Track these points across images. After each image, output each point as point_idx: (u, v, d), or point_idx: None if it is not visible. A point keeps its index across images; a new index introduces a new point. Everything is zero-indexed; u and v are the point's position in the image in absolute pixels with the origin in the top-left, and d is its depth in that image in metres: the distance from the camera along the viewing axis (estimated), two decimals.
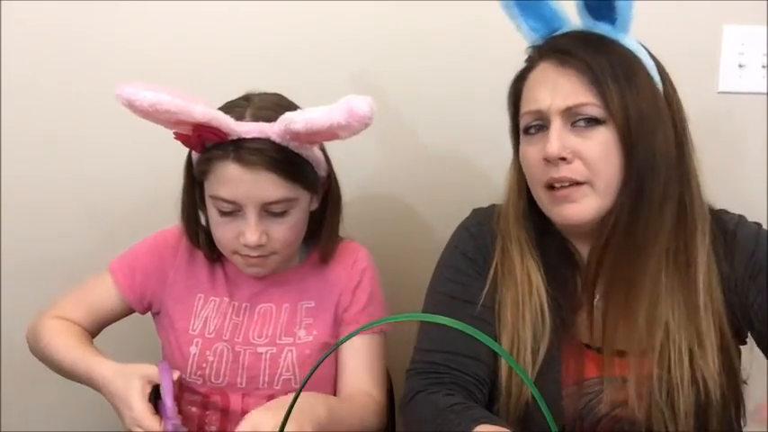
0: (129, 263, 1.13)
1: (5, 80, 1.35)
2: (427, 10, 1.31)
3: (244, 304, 1.12)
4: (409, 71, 1.33)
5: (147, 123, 1.00)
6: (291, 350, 1.08)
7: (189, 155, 1.08)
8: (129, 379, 0.95)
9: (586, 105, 0.88)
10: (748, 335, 0.96)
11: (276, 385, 1.07)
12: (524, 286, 0.96)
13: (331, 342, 1.11)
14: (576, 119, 0.89)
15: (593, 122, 0.89)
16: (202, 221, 1.12)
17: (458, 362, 0.96)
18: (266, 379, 1.08)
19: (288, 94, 1.08)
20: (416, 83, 1.34)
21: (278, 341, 1.09)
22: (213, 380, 1.08)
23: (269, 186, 1.01)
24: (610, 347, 0.92)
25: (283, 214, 1.04)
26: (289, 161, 1.01)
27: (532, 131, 0.93)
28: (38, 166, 1.39)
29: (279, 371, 1.07)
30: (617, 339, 0.92)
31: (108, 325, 1.14)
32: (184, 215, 1.12)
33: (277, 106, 1.01)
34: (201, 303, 1.12)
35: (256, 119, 1.01)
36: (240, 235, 1.03)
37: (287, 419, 0.68)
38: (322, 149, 1.09)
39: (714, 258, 0.93)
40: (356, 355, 1.10)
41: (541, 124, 0.92)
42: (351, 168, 1.18)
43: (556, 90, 0.90)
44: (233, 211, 1.03)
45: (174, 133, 1.01)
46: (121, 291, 1.12)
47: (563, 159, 0.89)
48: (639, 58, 0.91)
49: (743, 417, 0.96)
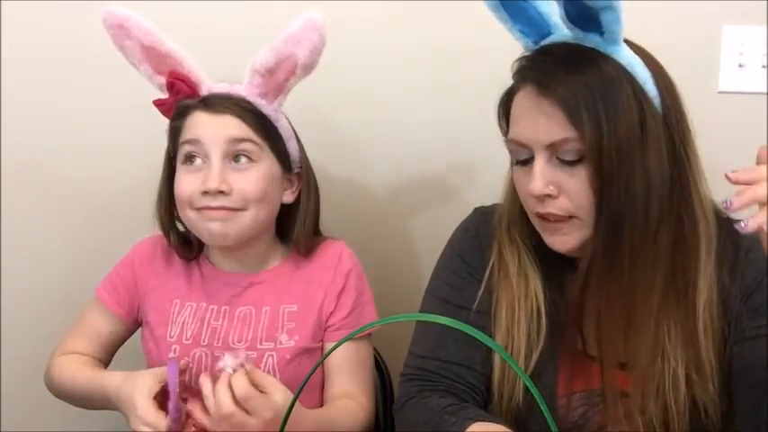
0: (112, 281, 1.14)
1: (5, 80, 1.35)
2: (424, 7, 1.31)
3: (223, 308, 1.09)
4: (406, 68, 1.33)
5: (148, 124, 1.00)
6: (272, 355, 1.06)
7: (168, 147, 1.09)
8: (136, 380, 0.96)
9: (567, 141, 0.84)
10: None
11: None
12: (521, 289, 0.94)
13: (312, 347, 1.08)
14: (560, 155, 0.85)
15: (576, 156, 0.84)
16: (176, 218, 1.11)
17: (451, 370, 0.95)
18: None
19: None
20: (415, 81, 1.34)
21: (258, 346, 1.06)
22: (194, 385, 1.04)
23: (233, 125, 1.03)
24: (609, 361, 0.90)
25: (247, 167, 1.03)
26: (256, 113, 1.04)
27: (521, 159, 0.90)
28: (38, 167, 1.39)
29: None
30: (615, 354, 0.89)
31: (117, 349, 1.15)
32: (159, 202, 1.11)
33: None
34: (178, 309, 1.10)
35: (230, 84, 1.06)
36: (202, 184, 1.01)
37: (285, 424, 0.68)
38: (296, 135, 1.11)
39: (716, 271, 0.89)
40: (343, 361, 1.08)
41: (528, 157, 0.88)
42: (345, 167, 1.17)
43: (536, 125, 0.86)
44: (196, 157, 1.03)
45: (154, 101, 1.06)
46: (112, 311, 1.12)
47: (548, 196, 0.86)
48: (628, 75, 0.85)
49: None
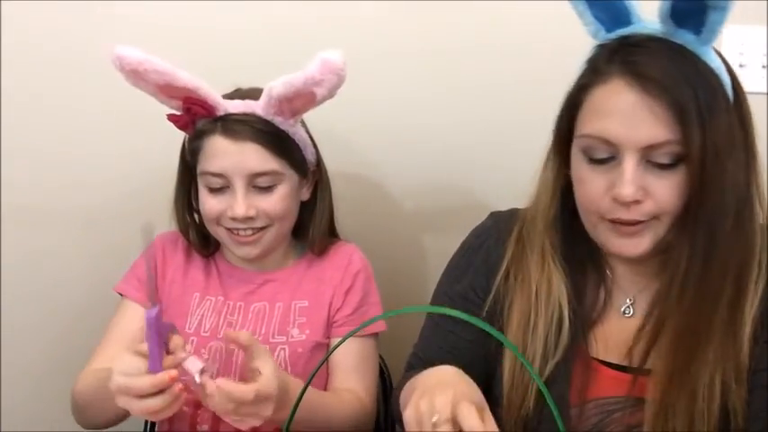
0: (136, 275, 1.14)
1: (5, 81, 1.35)
2: (429, 8, 1.31)
3: (238, 303, 1.13)
4: (411, 70, 1.33)
5: (150, 122, 1.00)
6: (284, 348, 1.09)
7: (183, 145, 1.10)
8: (122, 352, 0.87)
9: (668, 144, 0.78)
10: None
11: None
12: (541, 297, 0.89)
13: (323, 342, 1.11)
14: (653, 158, 0.79)
15: (671, 159, 0.79)
16: (195, 218, 1.14)
17: (447, 361, 0.93)
18: None
19: None
20: (417, 81, 1.34)
21: (271, 339, 1.10)
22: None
23: (255, 157, 1.04)
24: (640, 367, 0.86)
25: (271, 189, 1.06)
26: (274, 134, 1.04)
27: (596, 157, 0.83)
28: (37, 169, 1.39)
29: None
30: (653, 361, 0.85)
31: None
32: (176, 205, 1.13)
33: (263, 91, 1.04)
34: (197, 302, 1.13)
35: (243, 98, 1.06)
36: (228, 209, 1.05)
37: (293, 416, 0.68)
38: (309, 135, 1.11)
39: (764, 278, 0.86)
40: (347, 357, 1.10)
41: (611, 155, 0.82)
42: (350, 167, 1.18)
43: (634, 122, 0.79)
44: (222, 188, 1.05)
45: (168, 115, 1.05)
46: (144, 305, 1.11)
47: (635, 201, 0.80)
48: (719, 79, 0.81)
49: None
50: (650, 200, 0.81)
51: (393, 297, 1.20)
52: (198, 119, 1.04)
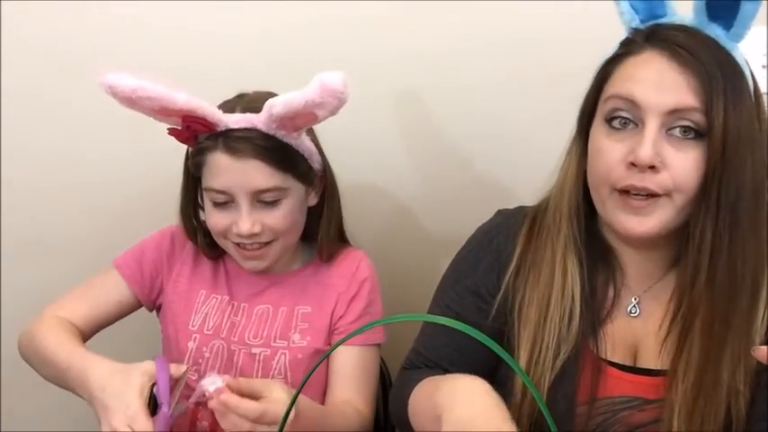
0: (136, 257, 1.14)
1: (5, 81, 1.35)
2: (429, 8, 1.31)
3: (243, 304, 1.13)
4: (414, 70, 1.33)
5: (147, 124, 1.00)
6: (285, 353, 1.09)
7: (187, 151, 1.10)
8: (129, 375, 0.90)
9: (692, 111, 0.79)
10: None
11: None
12: (558, 284, 0.90)
13: (323, 349, 1.10)
14: (675, 125, 0.80)
15: (690, 132, 0.80)
16: (202, 219, 1.13)
17: (453, 357, 0.94)
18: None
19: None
20: (419, 82, 1.34)
21: (272, 343, 1.09)
22: (207, 376, 1.08)
23: (257, 174, 1.02)
24: (651, 368, 0.88)
25: (275, 203, 1.05)
26: (277, 149, 1.02)
27: (617, 125, 0.83)
28: (38, 168, 1.39)
29: (271, 373, 1.08)
30: (664, 362, 0.86)
31: (108, 324, 1.12)
32: (182, 212, 1.13)
33: (267, 99, 1.01)
34: (203, 299, 1.13)
35: (245, 111, 1.02)
36: (233, 225, 1.04)
37: (284, 422, 0.69)
38: (315, 142, 1.10)
39: None
40: (347, 366, 1.09)
41: (630, 119, 0.82)
42: (352, 168, 1.18)
43: (663, 85, 0.79)
44: (226, 202, 1.04)
45: (168, 129, 1.02)
46: (130, 284, 1.12)
47: (651, 168, 0.80)
48: (745, 75, 0.83)
49: None
50: (666, 172, 0.80)
51: (400, 301, 1.20)
52: (199, 134, 1.03)
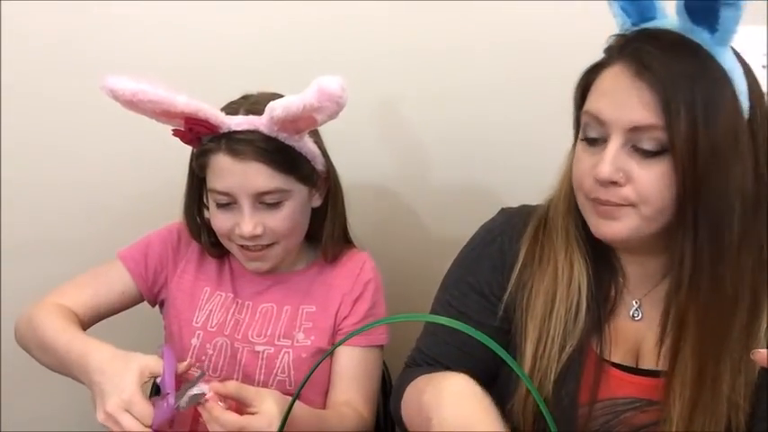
0: (142, 250, 1.14)
1: (5, 81, 1.35)
2: (427, 9, 1.31)
3: (247, 302, 1.13)
4: (414, 70, 1.34)
5: (148, 123, 1.00)
6: (288, 352, 1.09)
7: (192, 151, 1.10)
8: (129, 362, 0.89)
9: (653, 128, 0.79)
10: None
11: (271, 385, 1.08)
12: (565, 278, 0.90)
13: (326, 349, 1.10)
14: (639, 141, 0.80)
15: (657, 149, 0.79)
16: (206, 218, 1.14)
17: (456, 356, 0.93)
18: (261, 378, 1.09)
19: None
20: (419, 82, 1.34)
21: (276, 342, 1.10)
22: (210, 372, 1.09)
23: (259, 176, 1.02)
24: (651, 369, 0.88)
25: (278, 205, 1.05)
26: (279, 151, 1.02)
27: (591, 137, 0.85)
28: (38, 168, 1.39)
29: (275, 371, 1.08)
30: (687, 371, 0.84)
31: (109, 315, 1.12)
32: (187, 212, 1.13)
33: (270, 101, 1.01)
34: (207, 296, 1.13)
35: (248, 113, 1.03)
36: (236, 226, 1.04)
37: (284, 422, 0.69)
38: (318, 144, 1.10)
39: None
40: (349, 367, 1.09)
41: (599, 137, 0.84)
42: (353, 168, 1.18)
43: (623, 103, 0.80)
44: (229, 204, 1.05)
45: (173, 130, 1.03)
46: (133, 277, 1.12)
47: (614, 183, 0.82)
48: (731, 81, 0.81)
49: None
50: (630, 186, 0.81)
51: (401, 301, 1.20)
52: (202, 135, 1.03)
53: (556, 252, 0.91)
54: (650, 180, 0.80)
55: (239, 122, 1.02)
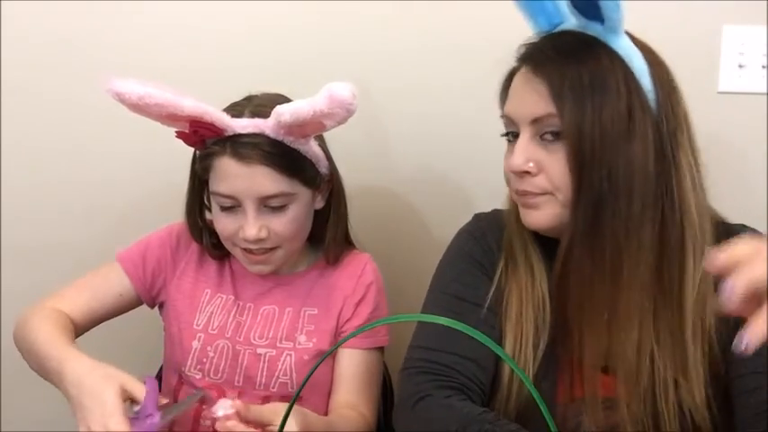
0: (140, 252, 1.14)
1: (5, 81, 1.35)
2: (425, 10, 1.31)
3: (248, 304, 1.13)
4: (412, 72, 1.33)
5: (149, 124, 1.00)
6: (290, 354, 1.09)
7: (194, 153, 1.09)
8: (108, 378, 0.87)
9: (549, 117, 0.85)
10: None
11: (273, 387, 1.08)
12: (528, 279, 0.94)
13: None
14: (543, 131, 0.87)
15: (557, 136, 0.86)
16: (207, 220, 1.14)
17: (466, 367, 0.91)
18: (263, 380, 1.08)
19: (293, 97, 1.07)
20: (418, 83, 1.34)
21: (278, 344, 1.10)
22: (212, 375, 1.09)
23: (265, 180, 1.02)
24: (591, 357, 0.88)
25: (282, 209, 1.04)
26: (284, 155, 1.02)
27: (510, 138, 0.93)
28: (38, 168, 1.39)
29: (276, 374, 1.08)
30: (598, 350, 0.87)
31: (108, 318, 1.11)
32: (188, 213, 1.13)
33: (275, 103, 1.01)
34: (208, 299, 1.13)
35: (253, 115, 1.02)
36: (240, 229, 1.04)
37: (284, 423, 0.69)
38: (323, 147, 1.10)
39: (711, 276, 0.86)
40: (351, 369, 1.09)
41: (516, 132, 0.90)
42: (350, 169, 1.18)
43: (524, 99, 0.89)
44: (233, 207, 1.04)
45: (176, 132, 1.02)
46: (132, 279, 1.12)
47: (527, 173, 0.88)
48: (623, 65, 0.85)
49: None
50: (543, 174, 0.88)
51: (401, 302, 1.20)
52: (206, 138, 1.02)
53: (517, 256, 0.96)
54: (557, 166, 0.86)
55: (245, 125, 1.01)
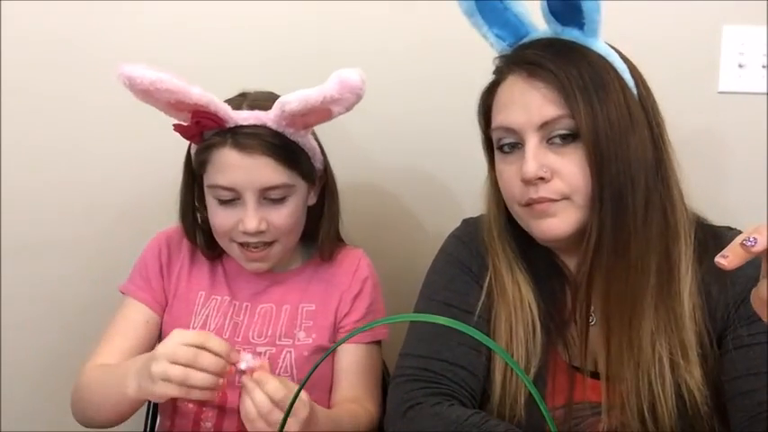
0: (141, 275, 1.14)
1: (5, 81, 1.35)
2: (424, 12, 1.31)
3: (245, 304, 1.13)
4: (408, 73, 1.34)
5: (149, 124, 1.00)
6: (290, 351, 1.09)
7: (188, 151, 1.09)
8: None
9: (560, 119, 0.84)
10: None
11: None
12: (516, 302, 0.92)
13: (327, 347, 1.10)
14: (552, 135, 0.85)
15: (568, 138, 0.84)
16: (200, 221, 1.13)
17: (456, 374, 0.91)
18: None
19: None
20: (416, 86, 1.34)
21: (277, 342, 1.10)
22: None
23: (267, 171, 1.02)
24: (612, 373, 0.87)
25: (282, 201, 1.05)
26: (285, 146, 1.03)
27: (507, 149, 0.89)
28: (38, 168, 1.39)
29: (277, 371, 1.08)
30: (621, 338, 0.86)
31: (150, 348, 1.06)
32: (182, 212, 1.13)
33: (269, 99, 1.02)
34: (202, 301, 1.13)
35: (252, 108, 1.03)
36: (239, 223, 1.04)
37: (286, 418, 0.69)
38: (318, 142, 1.10)
39: (697, 265, 0.88)
40: (353, 364, 1.10)
41: (516, 142, 0.88)
42: (347, 169, 1.18)
43: (527, 105, 0.85)
44: (232, 200, 1.04)
45: (174, 125, 1.02)
46: (147, 303, 1.12)
47: (541, 179, 0.85)
48: (610, 63, 0.87)
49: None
50: (557, 178, 0.85)
51: (397, 300, 1.19)
52: (206, 130, 1.02)
53: (503, 276, 0.94)
54: (572, 168, 0.84)
55: (246, 117, 1.02)
